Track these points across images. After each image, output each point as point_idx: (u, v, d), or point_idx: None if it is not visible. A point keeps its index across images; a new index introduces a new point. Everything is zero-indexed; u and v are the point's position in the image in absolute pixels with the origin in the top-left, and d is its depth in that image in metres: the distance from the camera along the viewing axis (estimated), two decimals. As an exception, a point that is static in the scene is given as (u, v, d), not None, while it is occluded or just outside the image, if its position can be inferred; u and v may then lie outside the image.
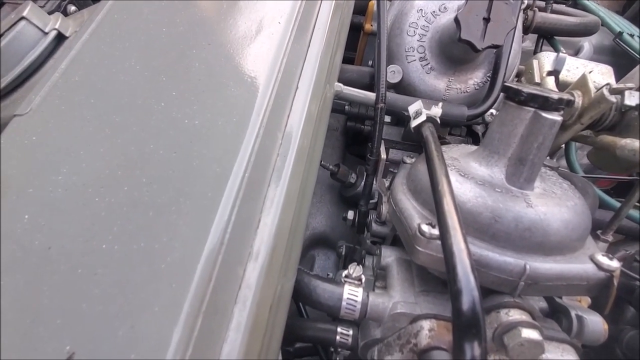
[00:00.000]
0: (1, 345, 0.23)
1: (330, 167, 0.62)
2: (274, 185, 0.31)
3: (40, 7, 0.98)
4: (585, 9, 0.89)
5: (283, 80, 0.36)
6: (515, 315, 0.31)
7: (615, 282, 0.33)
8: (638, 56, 0.77)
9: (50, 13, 0.95)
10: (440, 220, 0.27)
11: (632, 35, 0.82)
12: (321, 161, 0.59)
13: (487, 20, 0.39)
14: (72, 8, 0.99)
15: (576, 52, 0.82)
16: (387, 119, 0.59)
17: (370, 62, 0.61)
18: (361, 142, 0.80)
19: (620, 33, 0.81)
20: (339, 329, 0.41)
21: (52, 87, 0.37)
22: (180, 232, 0.27)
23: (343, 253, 0.56)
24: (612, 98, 0.38)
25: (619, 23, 0.85)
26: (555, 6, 0.76)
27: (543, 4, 0.73)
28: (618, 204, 0.47)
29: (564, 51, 0.64)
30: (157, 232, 0.27)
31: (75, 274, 0.25)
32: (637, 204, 0.61)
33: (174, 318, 0.23)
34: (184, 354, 0.23)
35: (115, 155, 0.31)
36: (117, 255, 0.26)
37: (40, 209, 0.29)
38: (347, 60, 0.71)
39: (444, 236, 0.25)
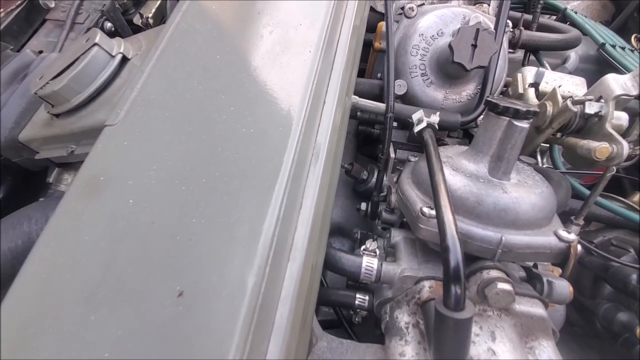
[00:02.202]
0: (127, 287, 0.33)
1: (346, 165, 0.72)
2: (311, 177, 0.41)
3: (80, 23, 1.10)
4: (572, 21, 0.98)
5: (314, 96, 0.46)
6: (493, 274, 0.41)
7: (572, 251, 0.42)
8: (619, 65, 0.86)
9: (88, 29, 1.07)
10: (435, 201, 0.37)
11: (614, 46, 0.91)
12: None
13: (474, 46, 0.48)
14: (108, 24, 1.10)
15: (564, 61, 0.91)
16: (395, 124, 0.69)
17: (379, 75, 0.71)
18: (371, 143, 0.90)
19: (603, 44, 0.90)
20: (357, 295, 0.51)
21: (133, 103, 0.47)
22: (247, 211, 0.37)
23: (358, 238, 0.66)
24: (574, 108, 0.48)
25: (603, 34, 0.94)
26: (543, 20, 0.85)
27: (530, 17, 0.83)
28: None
29: (547, 64, 0.73)
30: (230, 210, 0.37)
31: (175, 239, 0.36)
32: (610, 195, 0.71)
33: (249, 268, 0.33)
34: (258, 294, 0.33)
35: (192, 156, 0.41)
36: (204, 226, 0.36)
37: (140, 195, 0.39)
38: (359, 71, 0.81)
39: (438, 211, 0.35)
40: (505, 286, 0.38)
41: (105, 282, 0.34)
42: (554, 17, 1.02)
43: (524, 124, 0.41)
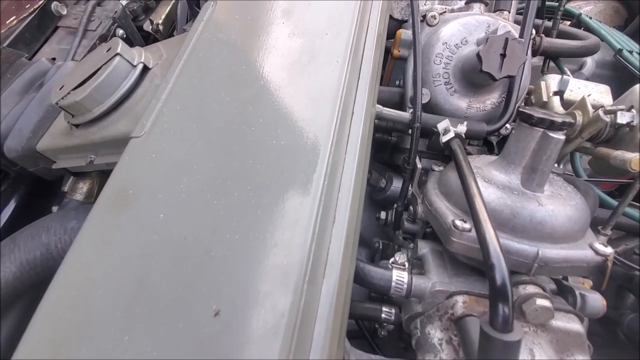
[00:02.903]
0: (162, 305, 0.33)
1: (364, 173, 0.71)
2: (343, 190, 0.41)
3: (92, 30, 1.10)
4: (587, 26, 0.98)
5: (344, 106, 0.45)
6: (530, 289, 0.40)
7: (609, 265, 0.41)
8: (636, 71, 0.86)
9: (102, 36, 1.07)
10: (473, 215, 0.36)
11: (631, 52, 0.90)
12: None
13: (503, 55, 0.48)
14: (120, 32, 1.10)
15: (580, 67, 0.91)
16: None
17: (397, 82, 0.71)
18: (386, 150, 0.89)
19: (620, 50, 0.89)
20: (383, 308, 0.50)
21: (159, 114, 0.47)
22: (282, 225, 0.36)
23: (380, 247, 0.65)
24: (606, 118, 0.47)
25: (619, 40, 0.94)
26: (561, 27, 0.85)
27: (550, 24, 0.83)
28: (616, 203, 0.55)
29: (568, 70, 0.73)
30: (265, 225, 0.36)
31: (209, 255, 0.35)
32: (634, 203, 0.70)
33: (287, 286, 0.33)
34: (297, 312, 0.32)
35: (222, 169, 0.40)
36: (239, 242, 0.35)
37: (171, 209, 0.38)
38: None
39: (478, 226, 0.35)
40: (545, 302, 0.37)
41: (139, 299, 0.33)
42: (568, 23, 1.02)
43: (560, 136, 0.40)
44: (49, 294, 0.35)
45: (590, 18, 0.98)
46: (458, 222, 0.42)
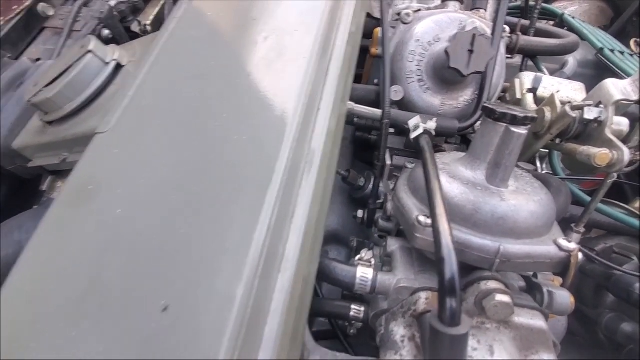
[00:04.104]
0: (112, 301, 0.32)
1: (342, 172, 0.71)
2: (304, 185, 0.40)
3: (78, 31, 1.10)
4: (570, 26, 0.98)
5: (308, 102, 0.45)
6: (492, 285, 0.39)
7: (573, 261, 0.41)
8: (618, 70, 0.86)
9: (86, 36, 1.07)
10: (431, 209, 0.36)
11: (612, 51, 0.90)
12: (334, 167, 0.69)
13: (471, 52, 0.48)
14: (106, 32, 1.10)
15: (562, 66, 0.91)
16: (392, 130, 0.68)
17: (375, 81, 0.71)
18: (368, 150, 0.89)
19: (602, 49, 0.89)
20: (352, 306, 0.50)
21: (125, 110, 0.46)
22: (239, 219, 0.36)
23: (355, 246, 0.65)
24: (573, 113, 0.47)
25: (602, 39, 0.94)
26: (540, 25, 0.85)
27: (527, 23, 0.83)
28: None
29: (545, 69, 0.72)
30: (221, 220, 0.36)
31: (162, 250, 0.35)
32: (614, 202, 0.69)
33: (237, 280, 0.32)
34: (246, 308, 0.32)
35: (184, 164, 0.40)
36: (194, 237, 0.35)
37: (129, 204, 0.38)
38: (356, 77, 0.80)
39: (433, 220, 0.34)
40: (504, 298, 0.37)
41: (90, 295, 0.33)
42: (552, 23, 1.02)
43: (522, 130, 0.40)
44: (4, 288, 0.35)
45: (574, 18, 0.98)
46: (422, 218, 0.41)
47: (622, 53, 0.89)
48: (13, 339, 0.32)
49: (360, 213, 0.67)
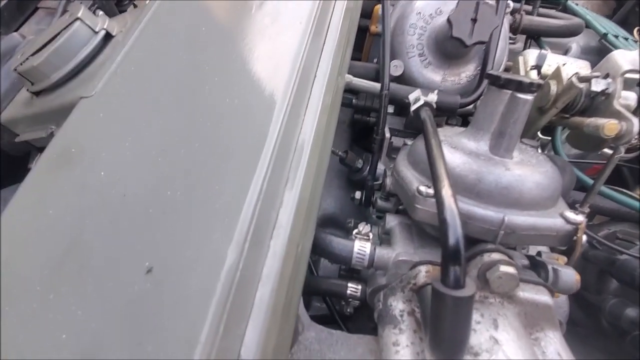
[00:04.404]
0: (93, 263, 0.30)
1: (340, 153, 0.69)
2: (298, 154, 0.38)
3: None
4: (573, 13, 0.96)
5: (304, 71, 0.43)
6: (495, 256, 0.37)
7: (580, 234, 0.39)
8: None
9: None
10: (433, 175, 0.34)
11: (616, 36, 0.89)
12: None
13: (474, 20, 0.46)
14: (100, 13, 1.08)
15: (565, 52, 0.89)
16: (391, 109, 0.66)
17: (375, 60, 0.69)
18: (366, 134, 0.87)
19: (605, 34, 0.88)
20: (349, 284, 0.48)
21: (112, 75, 0.44)
22: (228, 184, 0.34)
23: (352, 227, 0.63)
24: (580, 85, 0.45)
25: (605, 25, 0.92)
26: (543, 10, 0.83)
27: (530, 8, 0.81)
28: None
29: (548, 49, 0.71)
30: (210, 183, 0.34)
31: (147, 213, 0.33)
32: (618, 188, 0.68)
33: (228, 243, 0.30)
34: (235, 271, 0.30)
35: (171, 127, 0.38)
36: (181, 199, 0.33)
37: (113, 167, 0.36)
38: (355, 60, 0.78)
39: (436, 185, 0.32)
40: (509, 269, 0.35)
41: (69, 258, 0.31)
42: (555, 9, 1.00)
43: (528, 96, 0.38)
44: (-21, 254, 0.33)
45: (577, 4, 0.97)
46: (422, 188, 0.40)
47: (626, 39, 0.88)
48: (-16, 305, 0.30)
49: (358, 194, 0.65)
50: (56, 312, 0.29)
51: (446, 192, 0.31)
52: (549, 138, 0.68)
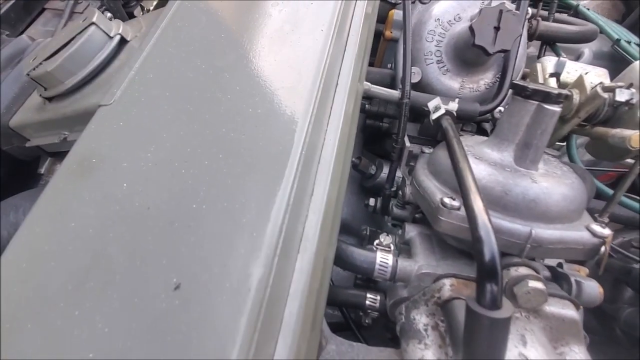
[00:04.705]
0: (118, 278, 0.30)
1: (353, 159, 0.69)
2: (323, 163, 0.38)
3: (79, 13, 1.07)
4: (585, 18, 0.96)
5: (327, 77, 0.42)
6: (523, 271, 0.37)
7: (607, 248, 0.39)
8: (634, 61, 0.84)
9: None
10: (462, 188, 0.34)
11: (629, 42, 0.88)
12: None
13: (497, 28, 0.45)
14: (108, 15, 1.07)
15: (577, 58, 0.88)
16: (405, 115, 0.65)
17: (389, 65, 0.68)
18: (378, 140, 0.86)
19: (618, 40, 0.87)
20: (368, 295, 0.47)
21: (130, 82, 0.44)
22: (254, 196, 0.33)
23: (368, 234, 0.62)
24: (604, 94, 0.45)
25: (617, 31, 0.92)
26: (558, 15, 0.83)
27: (546, 13, 0.80)
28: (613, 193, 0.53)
29: (565, 56, 0.70)
30: (235, 195, 0.33)
31: (172, 226, 0.32)
32: (632, 196, 0.67)
33: (255, 258, 0.30)
34: (265, 288, 0.29)
35: (193, 137, 0.37)
36: (206, 212, 0.32)
37: (135, 178, 0.35)
38: (368, 64, 0.78)
39: (466, 200, 0.32)
40: (537, 284, 0.35)
41: (93, 272, 0.30)
42: (566, 14, 1.00)
43: (556, 108, 0.38)
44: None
45: (588, 9, 0.96)
46: (447, 200, 0.39)
47: (638, 45, 0.87)
48: (8, 320, 0.29)
49: (372, 201, 0.65)
50: (82, 329, 0.28)
51: (478, 207, 0.30)
52: (562, 144, 0.67)
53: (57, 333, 0.28)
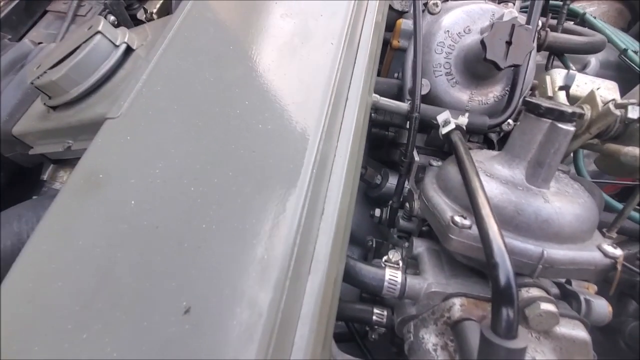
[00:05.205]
0: (126, 300, 0.29)
1: (359, 168, 0.68)
2: (333, 180, 0.37)
3: (82, 15, 1.06)
4: (592, 26, 0.95)
5: (337, 92, 0.42)
6: (534, 292, 0.37)
7: (619, 267, 0.38)
8: (641, 71, 0.83)
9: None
10: (475, 209, 0.33)
11: (636, 52, 0.88)
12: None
13: (509, 43, 0.45)
14: (111, 18, 1.06)
15: (583, 67, 0.88)
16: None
17: (395, 75, 0.68)
18: (382, 147, 0.86)
19: (625, 50, 0.87)
20: (375, 310, 0.47)
21: (137, 95, 0.43)
22: (264, 216, 0.33)
23: (373, 246, 0.62)
24: (617, 112, 0.44)
25: (624, 40, 0.92)
26: (566, 25, 0.82)
27: (554, 22, 0.80)
28: (621, 206, 0.52)
29: (573, 67, 0.70)
30: (246, 215, 0.33)
31: (182, 246, 0.31)
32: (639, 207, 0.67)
33: (267, 282, 0.29)
34: (276, 312, 0.29)
35: (202, 153, 0.37)
36: (216, 233, 0.32)
37: (143, 195, 0.35)
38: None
39: (480, 222, 0.31)
40: (550, 307, 0.34)
41: (101, 293, 0.30)
42: (572, 22, 0.99)
43: (569, 127, 0.37)
44: (5, 285, 0.31)
45: (595, 18, 0.96)
46: (457, 219, 0.38)
47: (645, 55, 0.87)
48: (13, 341, 0.29)
49: (378, 212, 0.64)
50: (90, 353, 0.27)
51: (493, 231, 0.30)
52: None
53: (65, 356, 0.27)
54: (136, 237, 0.32)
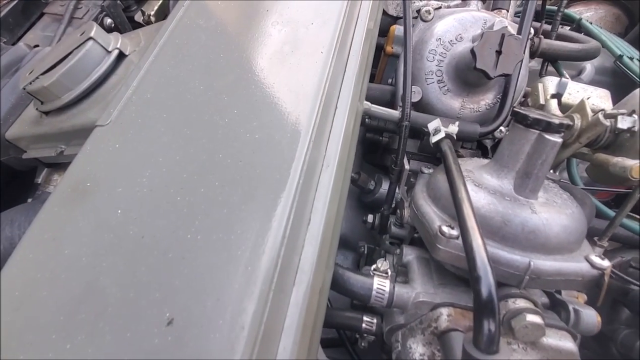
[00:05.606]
0: (110, 311, 0.29)
1: (352, 174, 0.68)
2: (321, 189, 0.37)
3: (79, 18, 1.06)
4: (588, 32, 0.95)
5: (326, 101, 0.42)
6: (521, 303, 0.37)
7: (606, 279, 0.38)
8: (637, 78, 0.83)
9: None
10: (460, 221, 0.33)
11: (631, 58, 0.88)
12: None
13: (499, 52, 0.45)
14: (108, 21, 1.06)
15: (579, 73, 0.88)
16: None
17: (389, 80, 0.68)
18: (377, 151, 0.86)
19: (620, 56, 0.87)
20: (364, 318, 0.47)
21: (127, 102, 0.43)
22: (250, 226, 0.33)
23: (365, 252, 0.62)
24: (606, 122, 0.44)
25: (620, 46, 0.91)
26: (561, 31, 0.82)
27: (549, 27, 0.80)
28: (614, 214, 0.52)
29: (567, 74, 0.70)
30: (231, 225, 0.33)
31: (166, 257, 0.31)
32: (631, 214, 0.67)
33: (250, 294, 0.29)
34: (259, 325, 0.29)
35: (190, 162, 0.37)
36: (201, 243, 0.32)
37: (130, 204, 0.35)
38: (369, 76, 0.77)
39: (465, 234, 0.31)
40: (536, 318, 0.34)
41: (85, 303, 0.30)
42: (569, 28, 0.99)
43: (557, 138, 0.37)
44: (-10, 293, 0.32)
45: (591, 23, 0.96)
46: (445, 229, 0.39)
47: (640, 61, 0.87)
48: (1, 349, 0.29)
49: (370, 218, 0.64)
50: (73, 364, 0.27)
51: (477, 244, 0.30)
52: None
53: (48, 367, 0.27)
54: (122, 246, 0.33)
